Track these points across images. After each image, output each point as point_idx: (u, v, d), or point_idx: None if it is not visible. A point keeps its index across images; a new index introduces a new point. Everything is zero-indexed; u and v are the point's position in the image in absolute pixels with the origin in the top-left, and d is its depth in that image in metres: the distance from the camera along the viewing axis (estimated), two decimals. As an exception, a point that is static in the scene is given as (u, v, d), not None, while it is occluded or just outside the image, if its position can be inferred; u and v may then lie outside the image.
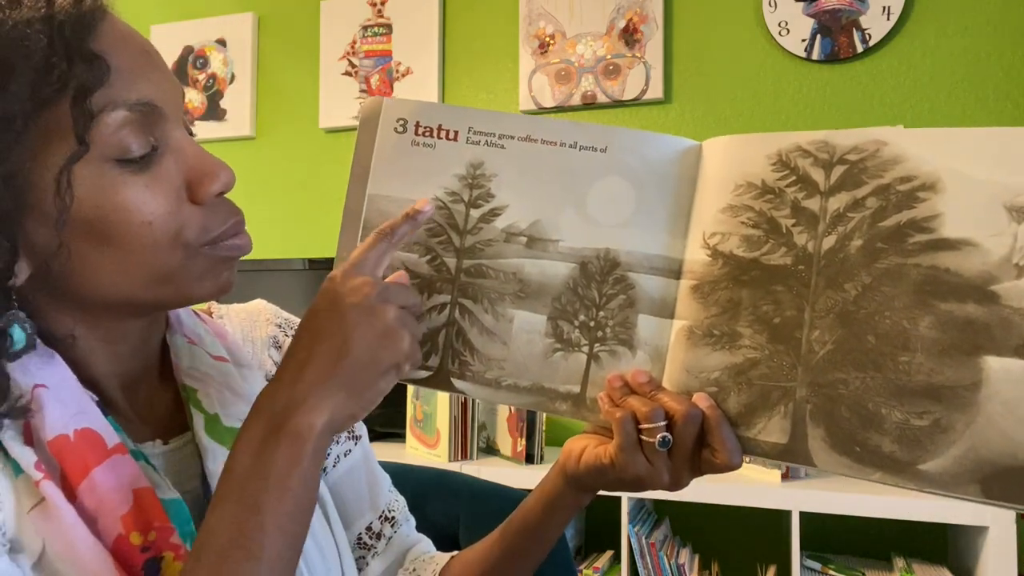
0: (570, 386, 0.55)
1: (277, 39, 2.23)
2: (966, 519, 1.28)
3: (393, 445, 1.81)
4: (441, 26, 2.07)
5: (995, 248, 0.43)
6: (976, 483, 0.43)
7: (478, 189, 0.55)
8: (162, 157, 0.47)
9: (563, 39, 1.93)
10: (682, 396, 0.51)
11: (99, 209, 0.45)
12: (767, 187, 0.50)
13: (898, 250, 0.45)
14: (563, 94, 1.92)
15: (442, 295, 0.55)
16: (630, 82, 1.87)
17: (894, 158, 0.46)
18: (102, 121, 0.44)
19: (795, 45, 1.75)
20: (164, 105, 0.47)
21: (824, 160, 0.48)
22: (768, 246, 0.49)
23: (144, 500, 0.47)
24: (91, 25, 0.45)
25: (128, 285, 0.48)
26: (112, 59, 0.45)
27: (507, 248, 0.55)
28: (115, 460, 0.48)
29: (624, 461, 0.52)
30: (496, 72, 2.01)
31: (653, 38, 1.86)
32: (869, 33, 1.70)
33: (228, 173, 0.50)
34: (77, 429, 0.47)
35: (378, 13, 2.11)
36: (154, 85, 0.47)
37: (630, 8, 1.88)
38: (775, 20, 1.77)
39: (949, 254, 0.44)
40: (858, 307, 0.46)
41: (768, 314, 0.49)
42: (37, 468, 0.45)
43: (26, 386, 0.47)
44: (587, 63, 1.91)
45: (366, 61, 2.12)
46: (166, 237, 0.47)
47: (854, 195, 0.47)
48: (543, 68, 1.95)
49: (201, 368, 0.58)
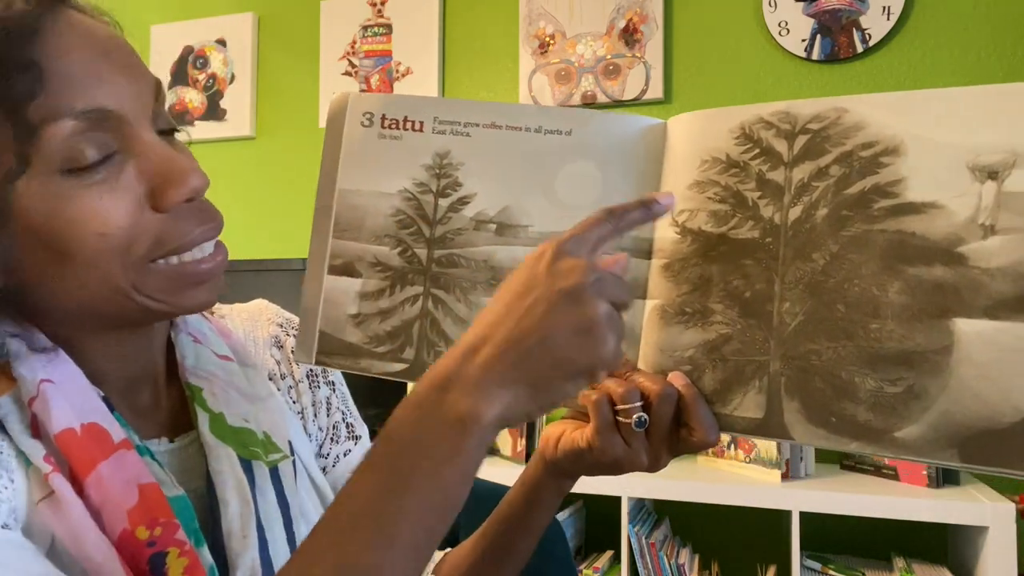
0: None
1: (277, 39, 2.23)
2: (966, 519, 1.28)
3: (393, 445, 1.81)
4: (441, 26, 2.07)
5: (960, 209, 0.43)
6: (953, 448, 0.42)
7: (446, 178, 0.54)
8: (123, 163, 0.45)
9: (563, 39, 1.93)
10: (657, 376, 0.50)
11: (50, 222, 0.43)
12: (732, 161, 0.49)
13: (864, 217, 0.45)
14: (563, 94, 1.92)
15: (414, 287, 0.55)
16: (630, 82, 1.87)
17: (855, 124, 0.46)
18: (46, 133, 0.42)
19: (795, 45, 1.75)
20: (122, 109, 0.45)
21: (786, 131, 0.48)
22: (735, 220, 0.49)
23: (150, 495, 0.47)
24: (33, 32, 0.42)
25: (90, 300, 0.47)
26: (58, 65, 0.42)
27: (477, 236, 0.54)
28: (121, 455, 0.48)
29: (601, 444, 0.51)
30: (496, 72, 2.01)
31: (653, 38, 1.86)
32: (869, 33, 1.70)
33: (197, 178, 0.47)
34: (84, 424, 0.47)
35: (378, 13, 2.11)
36: (110, 89, 0.44)
37: (630, 8, 1.88)
38: (775, 20, 1.77)
39: (914, 218, 0.44)
40: (827, 276, 0.46)
41: (739, 289, 0.49)
42: (46, 461, 0.46)
43: (33, 381, 0.47)
44: (587, 63, 1.91)
45: (366, 61, 2.12)
46: (118, 249, 0.45)
47: (817, 164, 0.47)
48: (543, 68, 1.95)
49: (206, 367, 0.58)
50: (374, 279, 0.55)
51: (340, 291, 0.56)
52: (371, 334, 0.55)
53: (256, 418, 0.58)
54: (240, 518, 0.52)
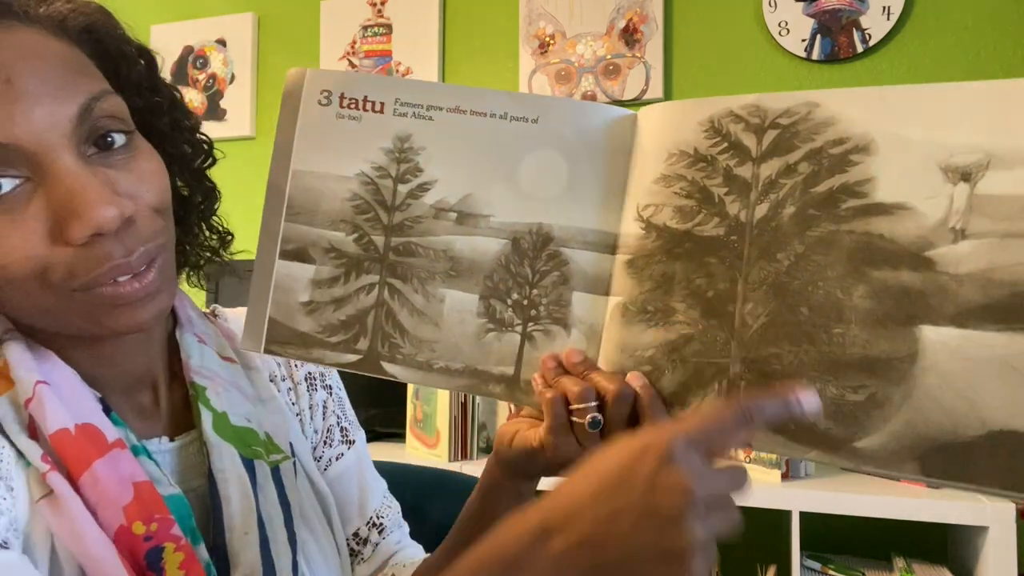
0: (503, 368, 0.52)
1: (277, 39, 2.23)
2: (966, 519, 1.28)
3: (393, 445, 1.81)
4: (441, 26, 2.07)
5: (931, 212, 0.41)
6: (915, 460, 0.41)
7: (406, 163, 0.52)
8: (33, 193, 0.44)
9: (563, 39, 1.93)
10: (615, 375, 0.48)
11: None
12: (700, 155, 0.47)
13: (831, 216, 0.43)
14: (563, 94, 1.92)
15: (370, 275, 0.53)
16: (630, 82, 1.87)
17: (826, 120, 0.44)
18: None
19: (795, 45, 1.75)
20: (19, 140, 0.42)
21: (756, 125, 0.46)
22: (701, 216, 0.47)
23: (144, 493, 0.48)
24: None
25: (29, 317, 0.48)
26: None
27: (437, 225, 0.52)
28: (115, 455, 0.48)
29: (554, 444, 0.49)
30: (496, 72, 2.01)
31: (653, 38, 1.86)
32: (869, 33, 1.70)
33: (97, 214, 0.43)
34: (78, 424, 0.48)
35: (378, 13, 2.11)
36: (6, 121, 0.42)
37: (630, 8, 1.88)
38: (775, 20, 1.77)
39: (883, 219, 0.42)
40: (791, 278, 0.44)
41: (701, 288, 0.47)
42: (44, 460, 0.46)
43: (28, 382, 0.48)
44: (587, 63, 1.91)
45: (366, 61, 2.12)
46: (30, 278, 0.44)
47: (786, 160, 0.45)
48: (543, 68, 1.95)
49: (210, 367, 0.58)
50: (328, 266, 0.53)
51: (292, 277, 0.53)
52: (324, 323, 0.53)
53: (258, 419, 0.59)
54: (241, 515, 0.53)
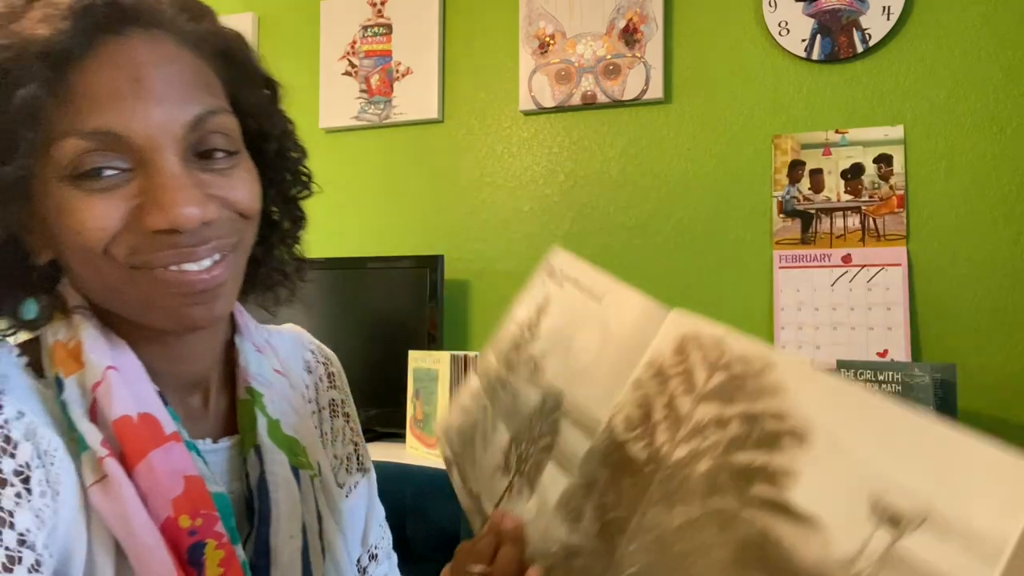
0: (489, 506, 0.54)
1: (277, 39, 2.23)
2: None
3: (393, 445, 1.81)
4: (441, 26, 2.07)
5: (840, 541, 0.33)
6: None
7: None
8: (131, 180, 0.48)
9: (563, 39, 1.93)
10: (519, 562, 0.48)
11: (54, 219, 0.48)
12: (661, 370, 0.44)
13: (738, 493, 0.37)
14: (563, 94, 1.92)
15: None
16: (630, 82, 1.87)
17: (774, 387, 0.38)
18: (56, 146, 0.46)
19: (795, 45, 1.75)
20: (132, 132, 0.47)
21: (712, 360, 0.41)
22: (636, 433, 0.44)
23: (194, 487, 0.50)
24: (73, 56, 0.46)
25: (98, 294, 0.51)
26: (85, 88, 0.47)
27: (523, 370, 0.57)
28: (171, 446, 0.50)
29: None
30: (496, 72, 2.01)
31: (653, 38, 1.86)
32: (869, 33, 1.70)
33: (179, 212, 0.47)
34: (140, 413, 0.50)
35: (378, 13, 2.11)
36: (127, 115, 0.47)
37: (630, 8, 1.88)
38: (775, 20, 1.77)
39: (788, 524, 0.35)
40: (676, 539, 0.39)
41: (607, 505, 0.44)
42: (103, 446, 0.48)
43: (99, 366, 0.50)
44: (587, 63, 1.91)
45: (366, 61, 2.12)
46: (95, 248, 0.48)
47: (722, 411, 0.39)
48: (543, 68, 1.95)
49: (266, 375, 0.62)
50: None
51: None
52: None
53: (299, 432, 0.62)
54: (288, 520, 0.55)
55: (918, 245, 1.65)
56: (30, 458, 0.46)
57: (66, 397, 0.49)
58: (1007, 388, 1.58)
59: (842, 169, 1.70)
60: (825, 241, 1.70)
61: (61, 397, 0.50)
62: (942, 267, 1.63)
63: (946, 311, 1.62)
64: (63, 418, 0.49)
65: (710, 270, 1.78)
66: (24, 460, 0.46)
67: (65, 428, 0.49)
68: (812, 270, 1.70)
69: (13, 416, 0.47)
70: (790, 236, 1.73)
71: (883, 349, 1.64)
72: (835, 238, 1.70)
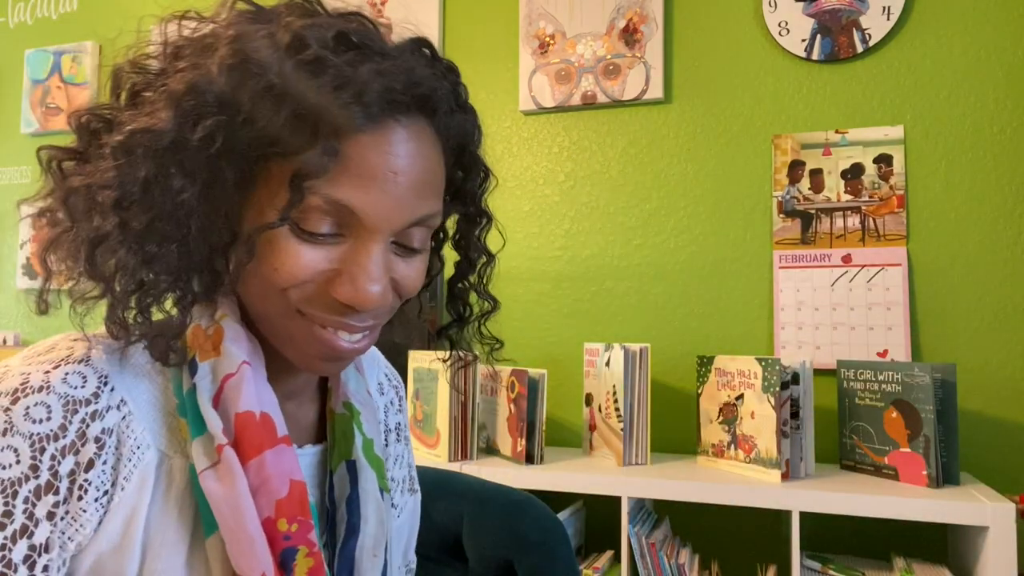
0: None
1: (276, 39, 2.23)
2: (966, 519, 1.28)
3: (393, 445, 1.81)
4: (441, 26, 2.06)
5: None
6: None
7: None
8: (338, 244, 0.50)
9: (563, 39, 1.93)
10: None
11: (266, 243, 0.50)
12: None
13: None
14: (563, 94, 1.92)
15: None
16: (630, 82, 1.87)
17: None
18: (304, 202, 0.48)
19: (795, 45, 1.75)
20: (361, 211, 0.49)
21: None
22: None
23: (297, 492, 0.51)
24: (354, 128, 0.48)
25: (264, 318, 0.53)
26: (349, 161, 0.48)
27: None
28: (282, 449, 0.52)
29: None
30: (496, 72, 2.01)
31: (653, 38, 1.86)
32: (869, 33, 1.70)
33: (367, 296, 0.50)
34: (262, 412, 0.52)
35: (378, 13, 2.11)
36: (372, 199, 0.49)
37: (630, 8, 1.88)
38: (775, 20, 1.77)
39: None
40: None
41: None
42: (224, 434, 0.50)
43: (236, 358, 0.52)
44: (587, 63, 1.91)
45: (366, 61, 2.11)
46: (282, 285, 0.50)
47: None
48: (543, 68, 1.95)
49: (362, 395, 0.64)
50: None
51: None
52: None
53: (383, 454, 0.64)
54: (374, 538, 0.57)
55: (918, 245, 1.65)
56: (94, 455, 0.48)
57: (197, 380, 0.51)
58: (1007, 388, 1.58)
59: (842, 169, 1.70)
60: (825, 241, 1.70)
61: (193, 379, 0.52)
62: (942, 267, 1.63)
63: (946, 311, 1.63)
64: (179, 400, 0.51)
65: (710, 270, 1.78)
66: (88, 457, 0.47)
67: (175, 410, 0.51)
68: (812, 270, 1.70)
69: (104, 408, 0.49)
70: (790, 236, 1.73)
71: (883, 349, 1.64)
72: (835, 238, 1.70)
